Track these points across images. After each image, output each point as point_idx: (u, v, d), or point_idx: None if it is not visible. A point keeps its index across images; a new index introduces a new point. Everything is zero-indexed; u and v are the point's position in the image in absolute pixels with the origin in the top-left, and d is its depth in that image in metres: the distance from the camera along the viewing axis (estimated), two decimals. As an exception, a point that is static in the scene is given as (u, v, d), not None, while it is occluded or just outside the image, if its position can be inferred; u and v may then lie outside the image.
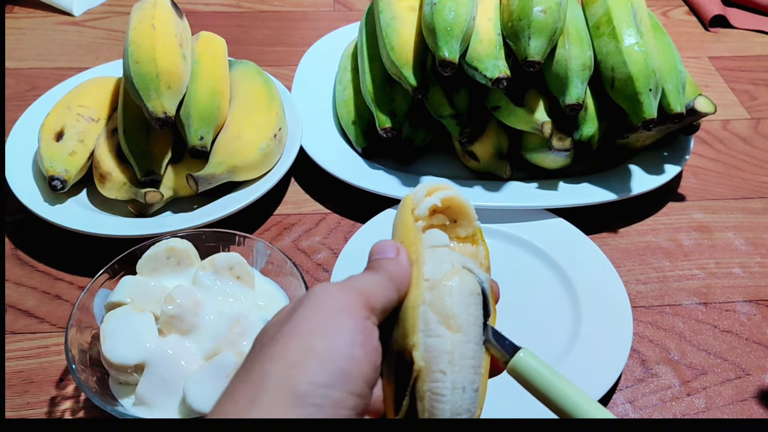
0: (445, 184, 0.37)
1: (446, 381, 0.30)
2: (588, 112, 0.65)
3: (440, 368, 0.30)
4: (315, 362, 0.26)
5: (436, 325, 0.31)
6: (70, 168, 0.63)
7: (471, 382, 0.31)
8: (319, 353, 0.26)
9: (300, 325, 0.28)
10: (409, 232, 0.35)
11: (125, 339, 0.47)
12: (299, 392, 0.25)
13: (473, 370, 0.31)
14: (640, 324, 0.59)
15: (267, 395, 0.26)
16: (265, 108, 0.68)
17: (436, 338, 0.31)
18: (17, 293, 0.59)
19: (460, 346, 0.31)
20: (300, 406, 0.25)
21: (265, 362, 0.27)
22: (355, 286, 0.30)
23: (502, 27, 0.64)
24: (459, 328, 0.31)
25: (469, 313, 0.32)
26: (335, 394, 0.26)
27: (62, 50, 0.88)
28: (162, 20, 0.65)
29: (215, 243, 0.56)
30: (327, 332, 0.27)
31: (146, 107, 0.61)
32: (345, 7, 1.01)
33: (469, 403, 0.31)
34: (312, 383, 0.26)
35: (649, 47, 0.63)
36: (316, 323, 0.28)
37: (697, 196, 0.72)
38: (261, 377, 0.26)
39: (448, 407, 0.30)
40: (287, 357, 0.27)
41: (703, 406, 0.54)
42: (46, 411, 0.52)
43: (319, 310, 0.28)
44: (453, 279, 0.32)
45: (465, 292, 0.32)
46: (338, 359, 0.27)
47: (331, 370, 0.26)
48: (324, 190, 0.70)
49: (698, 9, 1.02)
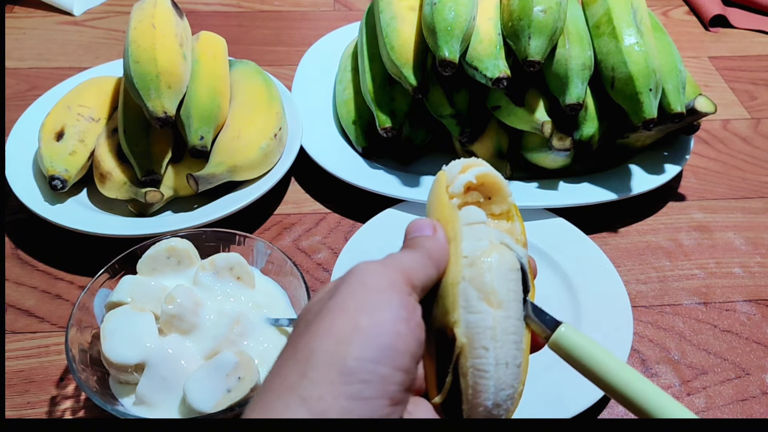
0: (478, 161, 0.37)
1: (489, 357, 0.30)
2: (588, 112, 0.65)
3: (483, 344, 0.31)
4: (362, 338, 0.27)
5: (476, 301, 0.31)
6: (70, 167, 0.63)
7: (514, 357, 0.31)
8: (366, 329, 0.27)
9: (345, 302, 0.28)
10: (444, 209, 0.35)
11: (125, 338, 0.47)
12: (348, 368, 0.26)
13: (515, 345, 0.31)
14: (640, 324, 0.59)
15: (315, 371, 0.26)
16: (265, 108, 0.68)
17: (477, 314, 0.31)
18: (17, 293, 0.59)
19: (502, 321, 0.31)
20: (348, 382, 0.26)
21: (312, 339, 0.27)
22: (396, 264, 0.30)
23: (503, 27, 0.64)
24: (500, 304, 0.31)
25: (509, 288, 0.32)
26: (383, 369, 0.26)
27: (62, 50, 0.88)
28: (162, 20, 0.65)
29: (215, 243, 0.56)
30: (372, 309, 0.28)
31: (146, 107, 0.61)
32: (345, 7, 1.01)
33: (513, 378, 0.31)
34: (359, 359, 0.26)
35: (650, 47, 0.63)
36: (361, 300, 0.28)
37: (697, 196, 0.72)
38: (309, 353, 0.27)
39: (492, 383, 0.30)
40: (334, 334, 0.27)
41: (703, 406, 0.54)
42: (47, 411, 0.52)
43: (363, 287, 0.29)
44: (492, 255, 0.32)
45: (504, 267, 0.32)
46: (384, 335, 0.27)
47: (378, 346, 0.27)
48: (324, 190, 0.70)
49: (698, 9, 1.02)
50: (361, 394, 0.26)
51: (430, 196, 0.37)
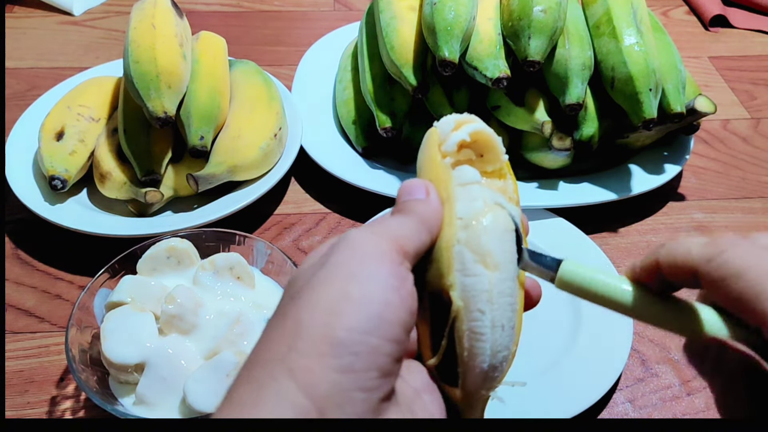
0: (471, 116, 0.35)
1: (485, 320, 0.30)
2: (588, 112, 0.65)
3: (479, 307, 0.30)
4: (352, 309, 0.26)
5: (472, 264, 0.31)
6: (70, 167, 0.63)
7: (509, 319, 0.31)
8: (356, 300, 0.26)
9: (334, 271, 0.27)
10: (437, 169, 0.34)
11: (125, 338, 0.47)
12: (337, 339, 0.25)
13: (510, 307, 0.31)
14: (640, 324, 0.59)
15: (304, 342, 0.25)
16: (265, 108, 0.68)
17: (473, 277, 0.30)
18: (17, 293, 0.59)
19: (498, 284, 0.31)
20: (338, 354, 0.25)
21: (300, 309, 0.27)
22: (387, 231, 0.29)
23: (502, 27, 0.64)
24: (496, 266, 0.31)
25: (504, 249, 0.31)
26: (373, 340, 0.26)
27: (62, 50, 0.88)
28: (162, 20, 0.65)
29: (215, 243, 0.56)
30: (362, 278, 0.27)
31: (146, 107, 0.61)
32: (345, 7, 1.01)
33: (508, 340, 0.31)
34: (350, 330, 0.25)
35: (649, 47, 0.63)
36: (351, 269, 0.27)
37: (697, 196, 0.72)
38: (297, 324, 0.26)
39: (488, 345, 0.30)
40: (323, 304, 0.26)
41: (703, 405, 0.54)
42: (47, 411, 0.52)
43: (353, 255, 0.28)
44: (487, 216, 0.31)
45: (499, 229, 0.32)
46: (374, 305, 0.26)
47: (368, 317, 0.26)
48: (324, 190, 0.70)
49: (698, 9, 1.02)
50: (351, 366, 0.25)
51: (421, 154, 0.36)
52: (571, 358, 0.54)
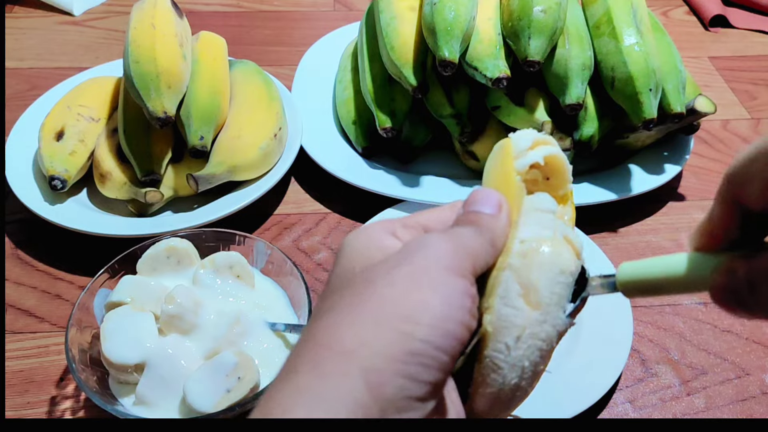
0: (548, 138, 0.34)
1: (507, 356, 0.29)
2: (588, 112, 0.65)
3: (506, 341, 0.29)
4: (430, 320, 0.26)
5: (515, 296, 0.30)
6: (70, 167, 0.63)
7: (531, 362, 0.30)
8: (434, 312, 0.26)
9: (414, 275, 0.27)
10: (510, 186, 0.32)
11: (125, 339, 0.47)
12: (412, 349, 0.25)
13: (539, 353, 0.30)
14: (640, 324, 0.59)
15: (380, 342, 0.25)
16: (265, 108, 0.68)
17: (511, 309, 0.30)
18: (17, 293, 0.59)
19: (534, 325, 0.29)
20: (409, 362, 0.25)
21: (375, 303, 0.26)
22: (466, 247, 0.29)
23: (502, 27, 0.64)
24: (538, 305, 0.30)
25: (553, 291, 0.30)
26: (442, 357, 0.26)
27: (62, 50, 0.88)
28: (162, 20, 0.65)
29: (215, 243, 0.56)
30: (441, 290, 0.27)
31: (146, 107, 0.61)
32: (345, 7, 1.01)
33: (523, 382, 0.30)
34: (426, 342, 0.25)
35: (649, 47, 0.63)
36: (433, 278, 0.27)
37: (697, 196, 0.72)
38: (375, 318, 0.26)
39: (501, 381, 0.29)
40: (402, 306, 0.26)
41: (703, 405, 0.54)
42: (47, 411, 0.52)
43: (433, 264, 0.27)
44: (548, 249, 0.30)
45: (556, 268, 0.30)
46: (451, 322, 0.26)
47: (444, 333, 0.26)
48: (324, 190, 0.70)
49: (698, 9, 1.02)
50: (417, 375, 0.25)
51: (491, 164, 0.35)
52: (571, 359, 0.54)
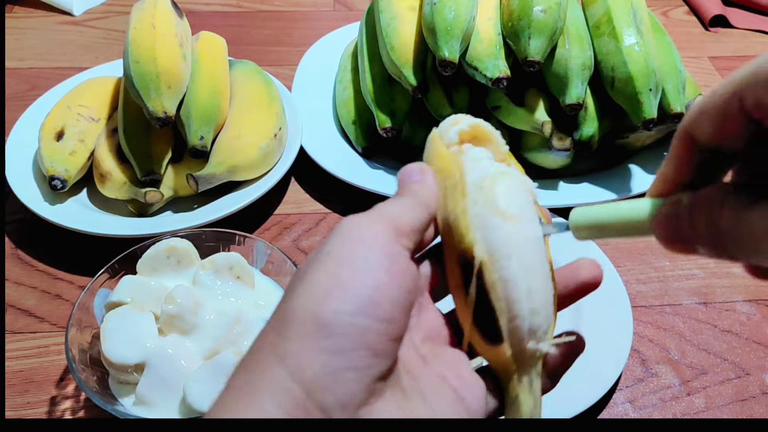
0: (466, 115, 0.36)
1: (513, 264, 0.30)
2: (588, 112, 0.65)
3: (505, 253, 0.30)
4: (339, 292, 0.26)
5: (490, 218, 0.30)
6: (70, 167, 0.63)
7: (541, 264, 0.30)
8: (344, 282, 0.26)
9: (326, 258, 0.28)
10: (444, 157, 0.34)
11: (125, 339, 0.47)
12: (323, 321, 0.25)
13: (538, 255, 0.30)
14: (640, 324, 0.59)
15: (292, 328, 0.26)
16: (265, 108, 0.68)
17: (494, 229, 0.30)
18: (17, 293, 0.59)
19: (520, 232, 0.30)
20: (324, 336, 0.25)
21: (291, 297, 0.27)
22: (381, 213, 0.30)
23: (502, 27, 0.64)
24: (514, 217, 0.30)
25: (521, 204, 0.31)
26: (362, 320, 0.26)
27: (62, 50, 0.88)
28: (162, 20, 0.65)
29: (215, 243, 0.56)
30: (352, 261, 0.27)
31: (146, 107, 0.61)
32: (345, 7, 1.01)
33: (543, 283, 0.30)
34: (336, 312, 0.26)
35: (649, 47, 0.63)
36: (342, 253, 0.28)
37: (697, 196, 0.72)
38: (287, 311, 0.26)
39: (523, 288, 0.29)
40: (312, 291, 0.26)
41: (703, 405, 0.54)
42: (47, 411, 0.52)
43: (346, 240, 0.28)
44: (499, 177, 0.31)
45: (513, 187, 0.31)
46: (363, 287, 0.26)
47: (355, 297, 0.26)
48: (324, 190, 0.70)
49: (698, 9, 1.02)
50: (337, 346, 0.25)
51: (426, 154, 0.37)
52: (571, 358, 0.54)
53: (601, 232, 0.31)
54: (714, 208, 0.24)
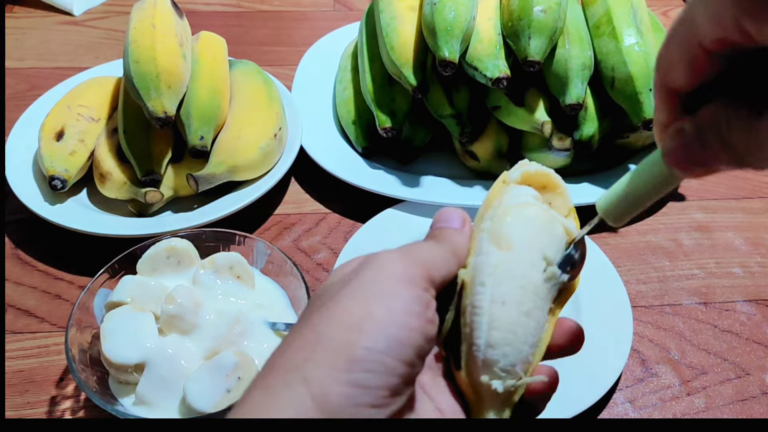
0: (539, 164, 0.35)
1: (485, 293, 0.29)
2: (588, 112, 0.65)
3: (481, 280, 0.30)
4: (373, 328, 0.26)
5: (486, 244, 0.30)
6: (70, 167, 0.63)
7: (516, 301, 0.29)
8: (378, 319, 0.27)
9: (360, 290, 0.28)
10: (495, 189, 0.33)
11: (125, 339, 0.47)
12: (355, 356, 0.26)
13: (521, 290, 0.30)
14: (640, 324, 0.59)
15: (322, 355, 0.26)
16: (265, 108, 0.68)
17: (483, 255, 0.30)
18: (17, 293, 0.59)
19: (507, 262, 0.30)
20: (353, 370, 0.26)
21: (322, 323, 0.27)
22: (418, 257, 0.30)
23: (502, 27, 0.64)
24: (509, 247, 0.30)
25: (526, 236, 0.30)
26: (389, 361, 0.26)
27: (62, 50, 0.88)
28: (162, 20, 0.65)
29: (215, 243, 0.56)
30: (386, 299, 0.27)
31: (146, 107, 0.61)
32: (345, 7, 1.01)
33: (511, 322, 0.29)
34: (368, 348, 0.26)
35: (649, 47, 0.63)
36: (377, 289, 0.28)
37: (697, 196, 0.72)
38: (317, 337, 0.27)
39: (485, 320, 0.29)
40: (345, 320, 0.27)
41: (703, 405, 0.54)
42: (47, 410, 0.52)
43: (381, 276, 0.28)
44: (522, 208, 0.31)
45: (527, 216, 0.31)
46: (395, 327, 0.27)
47: (387, 337, 0.26)
48: (324, 190, 0.70)
49: (698, 9, 1.02)
50: (363, 382, 0.26)
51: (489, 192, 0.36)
52: (571, 359, 0.54)
53: (630, 205, 0.30)
54: (721, 126, 0.24)
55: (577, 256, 0.32)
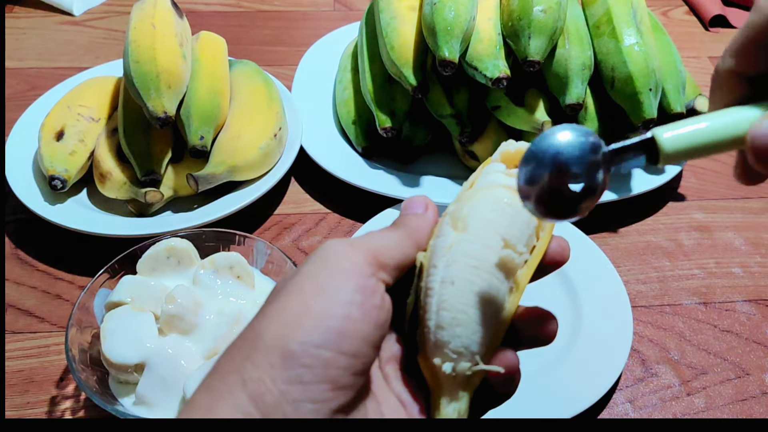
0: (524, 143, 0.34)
1: (437, 274, 0.29)
2: (588, 112, 0.65)
3: (434, 262, 0.30)
4: (309, 322, 0.26)
5: (447, 225, 0.30)
6: (70, 167, 0.63)
7: (466, 281, 0.29)
8: (314, 313, 0.26)
9: (301, 284, 0.27)
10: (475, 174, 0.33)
11: (125, 339, 0.47)
12: (290, 351, 0.25)
13: (473, 270, 0.29)
14: (640, 324, 0.59)
15: (258, 353, 0.26)
16: (265, 108, 0.68)
17: (442, 237, 0.30)
18: (17, 293, 0.59)
19: (461, 243, 0.29)
20: (288, 366, 0.25)
21: (261, 320, 0.27)
22: (365, 243, 0.29)
23: (502, 27, 0.64)
24: (465, 228, 0.30)
25: (484, 217, 0.30)
26: (326, 354, 0.26)
27: (62, 50, 0.88)
28: (162, 20, 0.65)
29: (215, 243, 0.56)
30: (325, 292, 0.27)
31: (146, 107, 0.61)
32: (345, 7, 1.01)
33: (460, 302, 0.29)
34: (303, 342, 0.26)
35: (649, 47, 0.63)
36: (317, 281, 0.27)
37: (697, 196, 0.72)
38: (256, 335, 0.26)
39: (435, 300, 0.29)
40: (283, 316, 0.26)
41: (703, 405, 0.54)
42: (47, 410, 0.52)
43: (322, 268, 0.28)
44: (487, 190, 0.30)
45: (491, 197, 0.30)
46: (333, 319, 0.26)
47: (324, 330, 0.26)
48: (324, 190, 0.70)
49: (698, 9, 1.02)
50: (300, 378, 0.25)
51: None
52: (571, 358, 0.54)
53: (689, 156, 0.28)
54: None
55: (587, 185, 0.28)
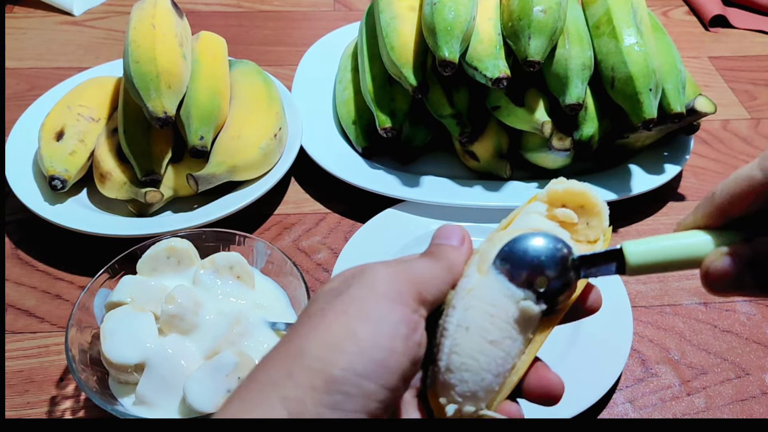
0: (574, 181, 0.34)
1: (453, 316, 0.29)
2: (588, 112, 0.65)
3: (453, 303, 0.30)
4: (354, 348, 0.26)
5: (472, 266, 0.30)
6: (70, 168, 0.63)
7: (480, 327, 0.29)
8: (361, 340, 0.26)
9: (347, 306, 0.27)
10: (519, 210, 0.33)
11: (125, 339, 0.47)
12: (332, 377, 0.25)
13: (488, 318, 0.29)
14: (640, 324, 0.59)
15: (301, 373, 0.26)
16: (265, 108, 0.68)
17: (466, 278, 0.30)
18: (17, 293, 0.59)
19: (480, 287, 0.29)
20: (330, 391, 0.25)
21: (305, 338, 0.27)
22: (408, 273, 0.29)
23: (502, 27, 0.64)
24: (486, 272, 0.30)
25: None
26: (368, 385, 0.26)
27: (62, 50, 0.88)
28: (162, 20, 0.65)
29: (215, 243, 0.56)
30: (372, 319, 0.27)
31: (146, 107, 0.61)
32: (345, 7, 1.01)
33: (473, 348, 0.29)
34: (346, 369, 0.25)
35: (649, 47, 0.63)
36: (364, 307, 0.27)
37: (697, 196, 0.72)
38: (299, 352, 0.26)
39: (448, 343, 0.29)
40: (328, 337, 0.26)
41: (703, 405, 0.54)
42: (47, 411, 0.52)
43: (369, 294, 0.28)
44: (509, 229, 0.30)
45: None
46: (378, 350, 0.26)
47: (369, 360, 0.26)
48: (324, 190, 0.70)
49: (698, 9, 1.02)
50: (340, 405, 0.25)
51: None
52: (571, 359, 0.54)
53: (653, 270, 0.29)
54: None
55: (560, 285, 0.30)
